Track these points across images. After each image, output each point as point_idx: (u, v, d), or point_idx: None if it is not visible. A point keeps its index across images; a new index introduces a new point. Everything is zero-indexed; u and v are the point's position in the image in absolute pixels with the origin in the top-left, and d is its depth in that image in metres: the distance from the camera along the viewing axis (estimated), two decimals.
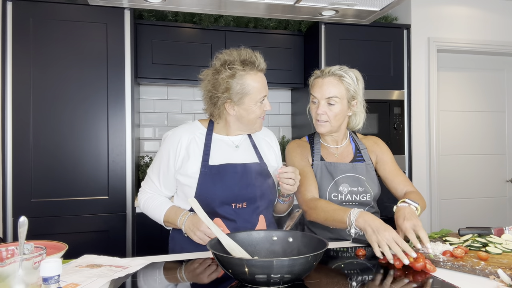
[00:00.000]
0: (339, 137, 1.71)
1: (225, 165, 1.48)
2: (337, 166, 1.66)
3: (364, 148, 1.73)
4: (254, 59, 1.45)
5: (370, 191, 1.65)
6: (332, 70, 1.63)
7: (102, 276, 1.12)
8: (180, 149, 1.49)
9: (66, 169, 2.49)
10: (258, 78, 1.45)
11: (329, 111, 1.61)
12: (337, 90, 1.60)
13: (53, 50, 2.49)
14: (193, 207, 1.30)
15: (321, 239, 1.17)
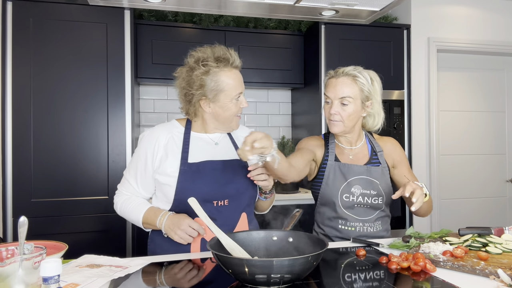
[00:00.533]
0: (353, 138, 1.68)
1: (205, 162, 1.46)
2: (350, 168, 1.64)
3: (380, 151, 1.70)
4: (228, 56, 1.44)
5: (383, 194, 1.63)
6: (346, 70, 1.62)
7: (102, 276, 1.12)
8: (158, 148, 1.47)
9: (66, 169, 2.49)
10: (233, 74, 1.44)
11: (342, 111, 1.59)
12: (351, 90, 1.59)
13: (53, 50, 2.49)
14: (193, 207, 1.29)
15: (321, 239, 1.17)
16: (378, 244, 1.48)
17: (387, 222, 1.71)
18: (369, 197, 1.62)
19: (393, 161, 1.71)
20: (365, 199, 1.62)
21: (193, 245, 1.45)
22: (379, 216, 1.65)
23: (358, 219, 1.62)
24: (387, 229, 1.71)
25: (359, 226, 1.62)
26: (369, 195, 1.62)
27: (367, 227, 1.62)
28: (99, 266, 1.24)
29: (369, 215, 1.63)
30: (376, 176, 1.64)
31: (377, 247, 1.46)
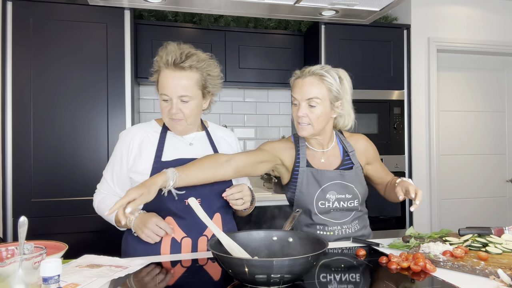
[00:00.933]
0: (324, 140, 1.62)
1: (177, 160, 1.46)
2: (324, 174, 1.58)
3: (352, 151, 1.65)
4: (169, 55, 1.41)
5: (358, 196, 1.60)
6: (313, 69, 1.54)
7: (102, 276, 1.12)
8: (132, 147, 1.48)
9: (66, 169, 2.49)
10: (164, 74, 1.42)
11: (310, 113, 1.51)
12: (318, 90, 1.51)
13: (53, 50, 2.49)
14: (192, 207, 1.29)
15: (321, 239, 1.17)
16: (378, 244, 1.48)
17: (365, 218, 1.69)
18: (345, 201, 1.58)
19: (366, 159, 1.68)
20: (340, 203, 1.58)
21: (163, 246, 1.43)
22: (356, 216, 1.63)
23: (335, 223, 1.59)
24: (365, 225, 1.68)
25: (337, 230, 1.59)
26: (345, 199, 1.58)
27: (345, 229, 1.60)
28: (99, 266, 1.24)
29: (345, 217, 1.60)
30: (350, 179, 1.60)
31: (377, 247, 1.46)
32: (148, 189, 1.23)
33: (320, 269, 1.22)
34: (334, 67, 1.62)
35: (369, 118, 3.10)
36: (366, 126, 3.09)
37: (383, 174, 1.72)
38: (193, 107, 1.45)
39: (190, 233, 1.44)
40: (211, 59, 1.49)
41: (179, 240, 1.43)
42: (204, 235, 1.46)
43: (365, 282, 1.13)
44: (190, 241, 1.44)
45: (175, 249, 1.43)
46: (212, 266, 1.27)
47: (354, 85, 1.57)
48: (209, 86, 1.48)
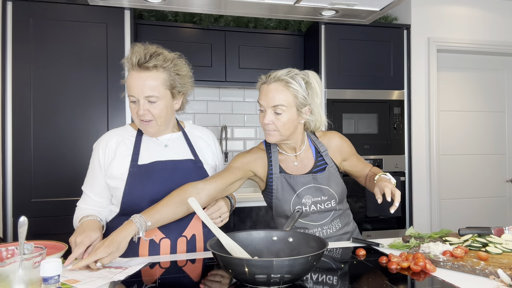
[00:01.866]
0: (296, 144, 1.58)
1: (154, 163, 1.44)
2: (297, 179, 1.56)
3: (325, 150, 1.62)
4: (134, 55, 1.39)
5: (335, 196, 1.59)
6: (278, 75, 1.49)
7: (101, 278, 1.12)
8: (108, 152, 1.45)
9: (66, 169, 2.49)
10: (130, 76, 1.40)
11: (277, 120, 1.47)
12: (284, 97, 1.46)
13: (53, 50, 2.49)
14: (193, 208, 1.29)
15: (321, 239, 1.17)
16: (378, 244, 1.48)
17: (346, 215, 1.67)
18: (321, 203, 1.57)
19: (342, 155, 1.65)
20: (317, 206, 1.57)
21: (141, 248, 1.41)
22: (335, 216, 1.61)
23: (315, 225, 1.58)
24: (348, 222, 1.66)
25: (318, 231, 1.58)
26: (321, 201, 1.57)
27: (326, 230, 1.59)
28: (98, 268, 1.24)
29: (324, 219, 1.59)
30: (323, 182, 1.58)
31: (377, 247, 1.46)
32: (117, 246, 1.21)
33: (320, 269, 1.22)
34: (334, 67, 1.62)
35: (369, 118, 3.10)
36: (366, 126, 3.09)
37: (361, 167, 1.71)
38: (162, 108, 1.41)
39: (168, 234, 1.42)
40: (179, 58, 1.46)
41: (157, 242, 1.41)
42: (183, 236, 1.45)
43: (365, 282, 1.13)
44: (169, 242, 1.42)
45: (154, 251, 1.41)
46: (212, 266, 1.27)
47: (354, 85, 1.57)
48: (178, 86, 1.45)
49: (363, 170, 1.71)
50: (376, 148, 3.08)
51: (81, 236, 1.29)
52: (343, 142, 1.67)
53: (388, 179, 1.51)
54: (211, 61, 3.04)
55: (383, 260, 1.28)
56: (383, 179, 1.52)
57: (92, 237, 1.31)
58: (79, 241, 1.28)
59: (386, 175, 1.54)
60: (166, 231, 1.42)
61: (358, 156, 1.73)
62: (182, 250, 1.44)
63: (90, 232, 1.32)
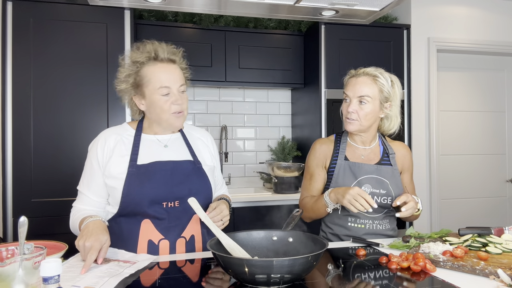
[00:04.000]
0: (367, 138, 1.69)
1: (153, 163, 1.42)
2: (361, 167, 1.64)
3: (393, 153, 1.71)
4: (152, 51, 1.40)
5: (393, 194, 1.64)
6: (367, 70, 1.63)
7: (113, 275, 1.11)
8: (107, 150, 1.43)
9: (66, 169, 2.49)
10: (157, 68, 1.40)
11: (360, 110, 1.60)
12: (370, 89, 1.60)
13: (53, 50, 2.49)
14: (192, 207, 1.29)
15: (321, 239, 1.17)
16: (378, 244, 1.48)
17: (394, 221, 1.73)
18: (379, 196, 1.62)
19: (402, 166, 1.73)
20: (374, 198, 1.61)
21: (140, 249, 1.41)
22: (388, 215, 1.67)
23: (368, 217, 1.63)
24: (394, 228, 1.73)
25: (368, 224, 1.63)
26: (379, 194, 1.62)
27: (376, 224, 1.64)
28: (108, 261, 1.24)
29: (378, 213, 1.64)
30: (386, 175, 1.65)
31: (377, 247, 1.46)
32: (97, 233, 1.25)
33: (320, 269, 1.22)
34: (334, 67, 1.66)
35: None
36: None
37: (409, 189, 1.75)
38: (187, 99, 1.47)
39: (167, 235, 1.42)
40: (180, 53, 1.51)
41: (156, 243, 1.40)
42: (182, 237, 1.44)
43: (365, 282, 1.13)
44: (168, 243, 1.41)
45: (152, 251, 1.40)
46: None
47: None
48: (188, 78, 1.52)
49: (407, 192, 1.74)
50: None
51: (90, 240, 1.22)
52: (408, 154, 1.77)
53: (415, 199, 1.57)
54: (211, 61, 3.04)
55: (383, 260, 1.28)
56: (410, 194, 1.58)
57: (101, 240, 1.24)
58: (88, 246, 1.21)
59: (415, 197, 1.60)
60: (165, 232, 1.41)
61: (412, 179, 1.78)
62: (181, 251, 1.43)
63: (98, 234, 1.25)
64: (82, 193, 1.48)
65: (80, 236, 1.25)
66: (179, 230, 1.44)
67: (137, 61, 1.40)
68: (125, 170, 1.41)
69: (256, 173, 3.43)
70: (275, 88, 3.47)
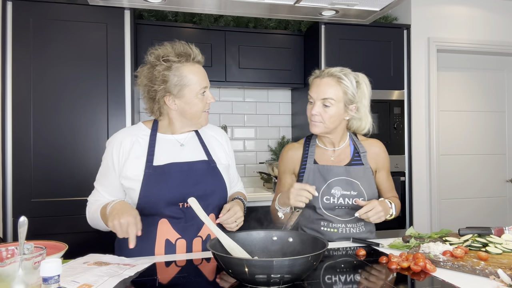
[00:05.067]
0: (336, 139, 1.65)
1: (169, 165, 1.43)
2: (330, 169, 1.61)
3: (364, 152, 1.67)
4: (189, 51, 1.43)
5: (365, 195, 1.60)
6: (332, 71, 1.58)
7: (113, 275, 1.11)
8: (122, 152, 1.44)
9: (66, 169, 2.49)
10: (196, 69, 1.43)
11: (324, 112, 1.57)
12: (334, 91, 1.55)
13: (53, 50, 2.49)
14: (192, 207, 1.29)
15: (321, 239, 1.17)
16: (378, 244, 1.48)
17: (372, 224, 1.69)
18: (350, 198, 1.59)
19: (376, 164, 1.69)
20: (345, 200, 1.58)
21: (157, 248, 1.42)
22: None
23: (340, 220, 1.60)
24: (371, 230, 1.69)
25: (341, 228, 1.60)
26: (350, 195, 1.59)
27: (349, 228, 1.60)
28: (107, 264, 1.24)
29: (350, 216, 1.60)
30: (356, 176, 1.61)
31: (377, 247, 1.46)
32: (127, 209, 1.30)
33: (320, 269, 1.22)
34: (334, 67, 1.64)
35: None
36: None
37: (385, 187, 1.72)
38: None
39: (184, 234, 1.43)
40: None
41: (173, 242, 1.42)
42: (199, 236, 1.45)
43: (365, 282, 1.13)
44: (184, 242, 1.43)
45: (170, 251, 1.42)
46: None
47: None
48: None
49: (386, 191, 1.72)
50: None
51: (124, 217, 1.25)
52: (382, 151, 1.71)
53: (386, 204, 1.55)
54: (211, 61, 3.04)
55: (383, 260, 1.28)
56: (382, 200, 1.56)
57: (133, 214, 1.28)
58: (124, 222, 1.25)
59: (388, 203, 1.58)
60: (182, 232, 1.42)
61: (389, 177, 1.74)
62: (198, 250, 1.45)
63: (128, 210, 1.29)
64: (98, 191, 1.50)
65: (112, 217, 1.28)
66: (196, 230, 1.44)
67: (174, 61, 1.40)
68: (141, 172, 1.41)
69: (256, 173, 3.43)
70: (275, 88, 3.47)
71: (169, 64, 1.39)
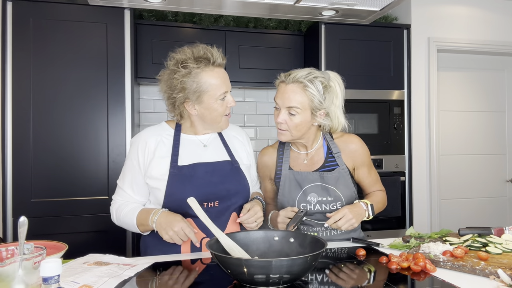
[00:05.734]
0: (307, 142, 1.59)
1: (194, 165, 1.45)
2: (305, 176, 1.57)
3: (337, 152, 1.59)
4: (209, 55, 1.41)
5: (342, 199, 1.56)
6: (298, 76, 1.48)
7: (113, 276, 1.11)
8: (148, 152, 1.45)
9: (66, 169, 2.49)
10: (215, 74, 1.42)
11: (289, 120, 1.49)
12: (299, 99, 1.47)
13: (53, 50, 2.49)
14: (192, 207, 1.29)
15: (321, 239, 1.17)
16: (378, 244, 1.48)
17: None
18: (326, 204, 1.56)
19: (353, 162, 1.61)
20: (322, 206, 1.56)
21: (184, 246, 1.44)
22: None
23: (319, 224, 1.57)
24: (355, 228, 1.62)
25: (321, 231, 1.58)
26: (326, 201, 1.56)
27: (330, 231, 1.59)
28: (107, 264, 1.24)
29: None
30: (330, 182, 1.56)
31: (377, 247, 1.46)
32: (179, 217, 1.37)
33: (320, 269, 1.22)
34: (334, 67, 1.60)
35: (369, 118, 3.10)
36: (366, 126, 3.09)
37: (368, 182, 1.66)
38: None
39: (210, 234, 1.42)
40: None
41: (199, 241, 1.44)
42: None
43: (365, 282, 1.13)
44: None
45: (195, 250, 1.45)
46: None
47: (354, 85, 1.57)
48: None
49: (369, 186, 1.67)
50: (376, 148, 3.08)
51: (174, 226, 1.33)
52: (359, 148, 1.61)
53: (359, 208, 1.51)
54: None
55: (383, 260, 1.28)
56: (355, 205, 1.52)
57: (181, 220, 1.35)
58: (178, 230, 1.32)
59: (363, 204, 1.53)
60: (208, 232, 1.42)
61: (371, 170, 1.66)
62: None
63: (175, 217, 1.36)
64: (123, 190, 1.51)
65: (163, 231, 1.35)
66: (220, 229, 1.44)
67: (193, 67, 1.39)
68: (166, 171, 1.43)
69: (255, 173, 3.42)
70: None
71: (188, 71, 1.39)
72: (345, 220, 1.44)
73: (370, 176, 1.66)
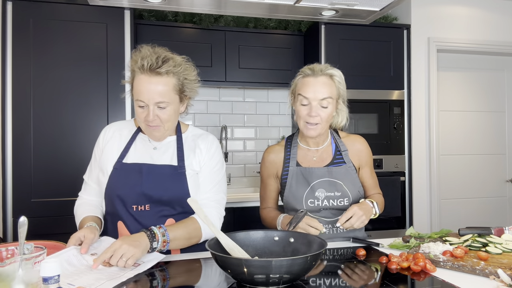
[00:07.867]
0: (321, 138, 1.60)
1: (136, 164, 1.42)
2: (312, 171, 1.57)
3: (345, 150, 1.62)
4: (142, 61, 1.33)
5: (349, 195, 1.57)
6: (322, 67, 1.52)
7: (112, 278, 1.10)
8: (104, 145, 1.46)
9: (66, 169, 2.49)
10: (140, 80, 1.34)
11: (323, 112, 1.49)
12: (331, 90, 1.49)
13: (53, 50, 2.49)
14: (192, 207, 1.28)
15: (321, 239, 1.17)
16: (378, 244, 1.48)
17: None
18: (334, 199, 1.56)
19: (359, 161, 1.64)
20: (330, 202, 1.56)
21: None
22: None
23: (326, 221, 1.58)
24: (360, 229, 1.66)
25: (329, 228, 1.58)
26: (334, 197, 1.56)
27: (337, 228, 1.58)
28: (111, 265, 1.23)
29: (336, 216, 1.57)
30: (338, 176, 1.57)
31: (377, 247, 1.46)
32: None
33: (320, 269, 1.22)
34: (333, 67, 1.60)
35: (369, 118, 3.10)
36: (366, 126, 3.09)
37: (369, 184, 1.68)
38: (171, 113, 1.38)
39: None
40: (187, 63, 1.42)
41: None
42: None
43: (365, 282, 1.13)
44: None
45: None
46: None
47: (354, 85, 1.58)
48: (186, 90, 1.41)
49: (370, 188, 1.69)
50: (376, 148, 3.08)
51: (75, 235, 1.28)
52: (364, 148, 1.66)
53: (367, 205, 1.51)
54: (211, 61, 3.04)
55: (383, 260, 1.28)
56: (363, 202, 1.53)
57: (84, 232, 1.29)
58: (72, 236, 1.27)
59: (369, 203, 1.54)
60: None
61: (373, 173, 1.70)
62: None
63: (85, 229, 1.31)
64: (86, 182, 1.52)
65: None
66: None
67: (132, 69, 1.39)
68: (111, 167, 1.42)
69: (256, 173, 3.42)
70: (275, 88, 3.47)
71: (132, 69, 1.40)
72: (357, 217, 1.45)
73: (372, 178, 1.69)
